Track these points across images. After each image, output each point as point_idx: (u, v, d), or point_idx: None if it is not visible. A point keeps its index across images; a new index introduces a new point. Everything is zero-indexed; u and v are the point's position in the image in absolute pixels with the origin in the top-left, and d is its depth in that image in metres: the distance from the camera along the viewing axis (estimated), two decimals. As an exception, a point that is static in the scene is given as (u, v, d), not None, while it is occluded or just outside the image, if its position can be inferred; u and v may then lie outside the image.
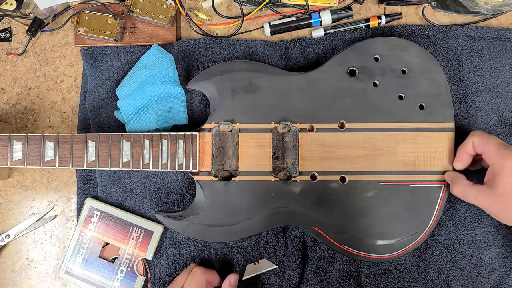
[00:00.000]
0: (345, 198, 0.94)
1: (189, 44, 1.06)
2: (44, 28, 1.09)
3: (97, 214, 1.03)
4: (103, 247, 1.03)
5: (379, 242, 0.95)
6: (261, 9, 1.07)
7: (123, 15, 1.06)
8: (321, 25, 1.07)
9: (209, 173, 0.97)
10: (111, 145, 0.96)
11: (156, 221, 1.03)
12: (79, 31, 1.04)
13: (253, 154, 0.97)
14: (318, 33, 1.07)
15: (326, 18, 1.06)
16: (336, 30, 1.06)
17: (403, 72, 0.97)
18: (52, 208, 1.09)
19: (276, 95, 0.98)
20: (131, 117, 1.01)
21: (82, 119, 1.08)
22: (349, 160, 0.95)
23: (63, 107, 1.10)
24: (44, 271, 1.08)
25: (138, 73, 1.01)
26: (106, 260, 1.03)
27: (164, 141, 0.96)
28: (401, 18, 1.07)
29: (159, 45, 1.03)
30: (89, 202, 1.04)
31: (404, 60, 0.97)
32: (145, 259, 1.02)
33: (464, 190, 0.91)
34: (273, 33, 1.08)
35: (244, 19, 1.07)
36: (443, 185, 0.95)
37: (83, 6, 1.06)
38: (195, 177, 0.98)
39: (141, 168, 0.96)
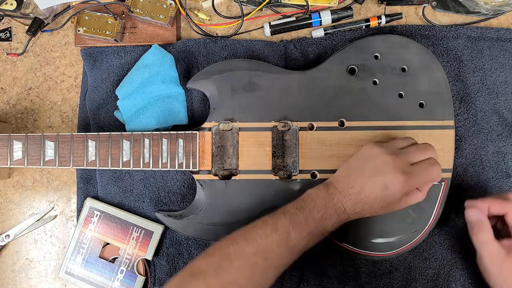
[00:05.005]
0: (345, 197, 0.93)
1: (189, 44, 1.06)
2: (44, 28, 1.09)
3: (97, 214, 1.03)
4: (103, 247, 1.03)
5: (379, 240, 0.95)
6: (261, 9, 1.07)
7: (123, 15, 1.07)
8: (321, 25, 1.07)
9: (209, 172, 0.97)
10: (111, 144, 0.96)
11: (156, 221, 1.02)
12: (79, 31, 1.04)
13: (253, 153, 0.97)
14: (318, 33, 1.07)
15: (326, 18, 1.06)
16: (336, 30, 1.06)
17: (403, 70, 0.97)
18: (52, 208, 1.09)
19: (276, 93, 0.98)
20: (131, 117, 1.01)
21: (82, 119, 1.08)
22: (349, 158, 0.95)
23: (63, 107, 1.10)
24: (44, 271, 1.08)
25: (138, 73, 1.01)
26: (106, 260, 1.02)
27: (164, 140, 0.96)
28: (401, 18, 1.07)
29: (159, 45, 1.03)
30: (89, 202, 1.04)
31: (404, 58, 0.97)
32: (145, 259, 1.02)
33: (486, 242, 0.90)
34: (273, 33, 1.08)
35: (244, 19, 1.07)
36: (443, 183, 0.95)
37: (83, 6, 1.06)
38: (195, 176, 0.97)
39: (141, 167, 0.96)
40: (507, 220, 0.90)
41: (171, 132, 0.97)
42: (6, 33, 1.11)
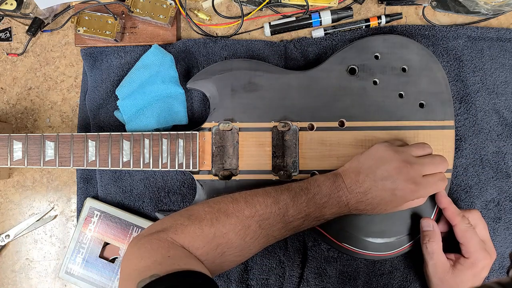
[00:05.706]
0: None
1: (189, 44, 1.06)
2: (44, 28, 1.09)
3: (97, 214, 1.03)
4: (103, 247, 1.03)
5: (379, 240, 0.95)
6: (261, 9, 1.07)
7: (123, 15, 1.06)
8: (321, 25, 1.07)
9: (209, 172, 0.97)
10: (111, 144, 0.96)
11: (156, 221, 1.02)
12: (79, 31, 1.04)
13: (253, 153, 0.97)
14: (318, 33, 1.07)
15: (326, 18, 1.06)
16: (336, 30, 1.06)
17: (403, 70, 0.97)
18: (52, 208, 1.08)
19: (276, 93, 0.98)
20: (131, 117, 1.01)
21: (82, 119, 1.08)
22: (349, 158, 0.94)
23: (63, 107, 1.10)
24: (44, 271, 1.08)
25: (138, 73, 1.01)
26: (106, 260, 1.02)
27: (164, 141, 0.96)
28: (401, 18, 1.07)
29: (159, 45, 1.03)
30: (89, 202, 1.04)
31: (404, 58, 0.97)
32: (145, 259, 1.02)
33: (433, 252, 0.92)
34: (273, 33, 1.08)
35: (244, 19, 1.07)
36: (443, 183, 0.95)
37: (83, 6, 1.06)
38: (195, 176, 0.97)
39: (141, 167, 0.96)
40: (455, 231, 0.92)
41: (171, 132, 0.97)
42: (6, 33, 1.11)
